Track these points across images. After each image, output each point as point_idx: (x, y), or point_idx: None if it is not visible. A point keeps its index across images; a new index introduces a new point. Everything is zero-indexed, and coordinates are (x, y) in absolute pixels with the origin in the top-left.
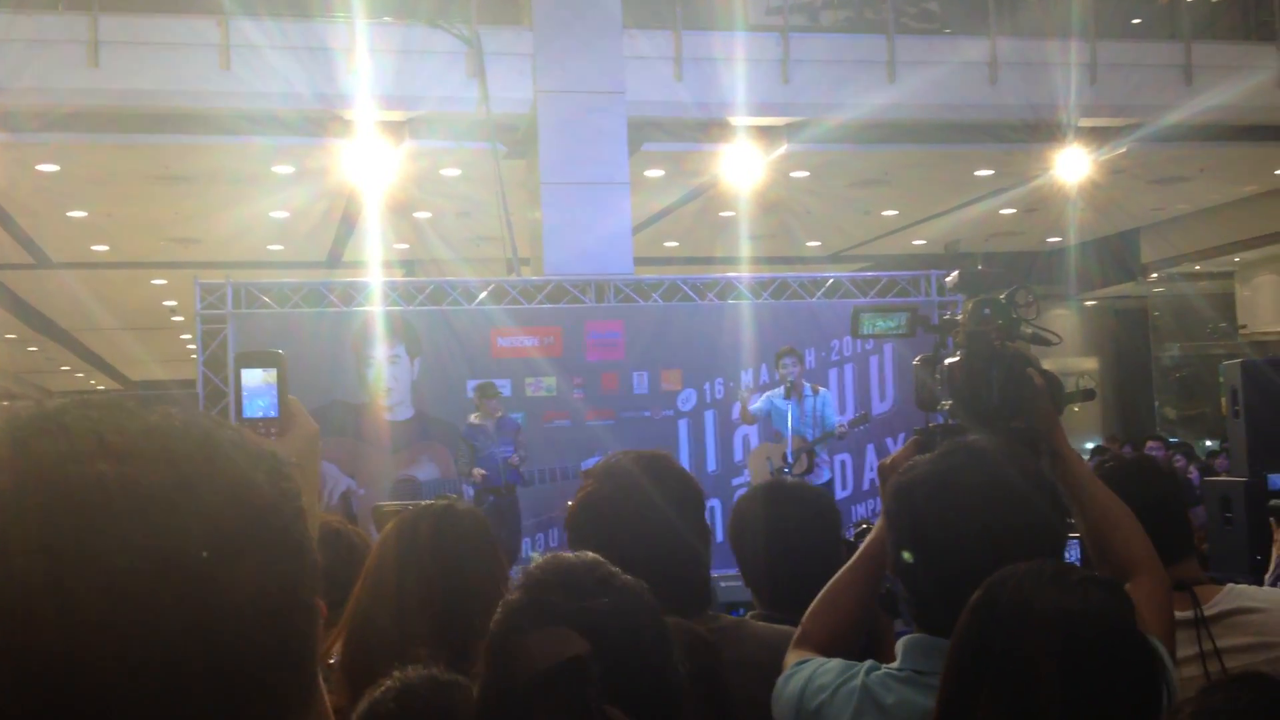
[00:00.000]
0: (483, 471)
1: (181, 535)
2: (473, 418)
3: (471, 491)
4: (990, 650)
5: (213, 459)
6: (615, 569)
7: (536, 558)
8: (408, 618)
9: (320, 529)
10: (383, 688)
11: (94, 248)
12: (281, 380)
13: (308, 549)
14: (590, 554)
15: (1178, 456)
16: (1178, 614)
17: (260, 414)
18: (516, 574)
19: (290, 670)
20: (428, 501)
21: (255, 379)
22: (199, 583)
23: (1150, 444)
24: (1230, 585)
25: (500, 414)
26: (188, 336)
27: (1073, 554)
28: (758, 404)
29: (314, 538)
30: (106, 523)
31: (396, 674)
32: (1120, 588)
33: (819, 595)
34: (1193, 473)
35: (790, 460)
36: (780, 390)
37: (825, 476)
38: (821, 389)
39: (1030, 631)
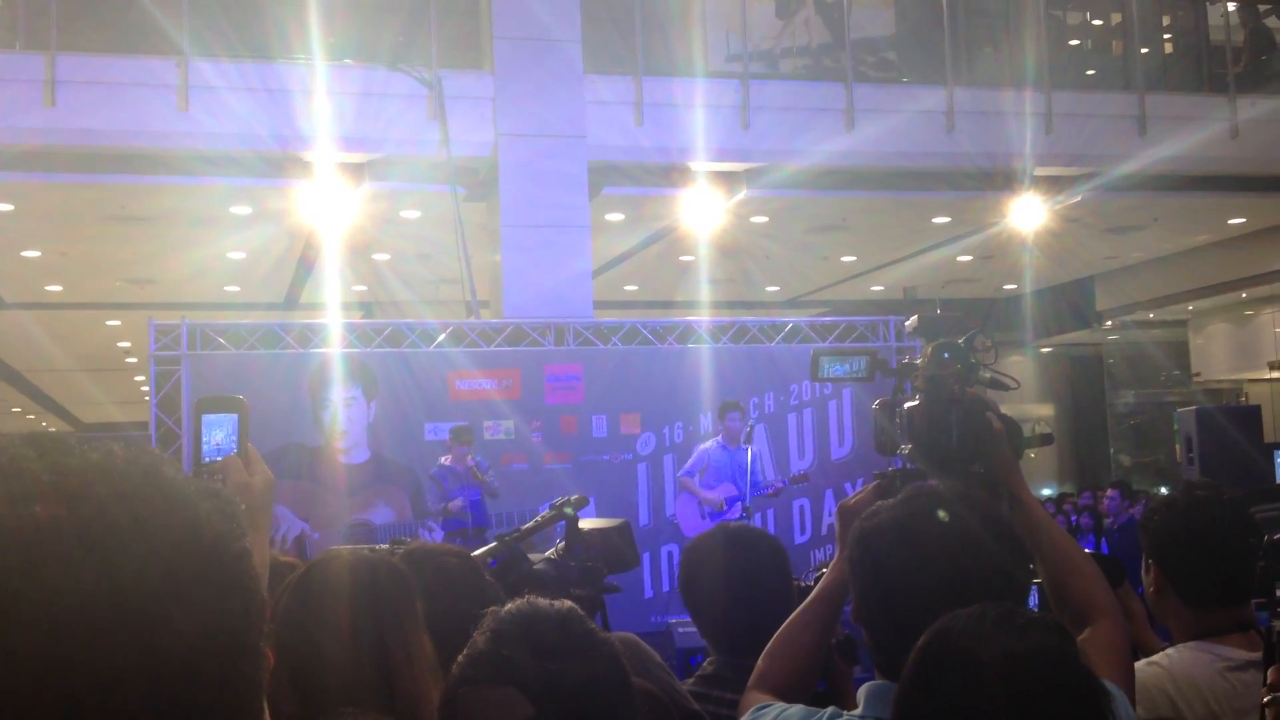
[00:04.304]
0: (461, 501)
1: (131, 575)
2: (443, 459)
3: (436, 535)
4: (937, 697)
5: (161, 497)
6: (591, 625)
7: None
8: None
9: (272, 568)
10: None
11: (48, 288)
12: (242, 426)
13: (254, 589)
14: (567, 604)
15: (1141, 501)
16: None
17: (218, 458)
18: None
19: (230, 707)
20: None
21: (215, 424)
22: (149, 623)
23: (1110, 491)
24: None
25: (471, 458)
26: (141, 378)
27: (1032, 599)
28: (687, 465)
29: (264, 580)
30: (56, 565)
31: None
32: (1063, 629)
33: (775, 636)
34: None
35: (728, 507)
36: (718, 440)
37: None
38: (752, 449)
39: (977, 678)
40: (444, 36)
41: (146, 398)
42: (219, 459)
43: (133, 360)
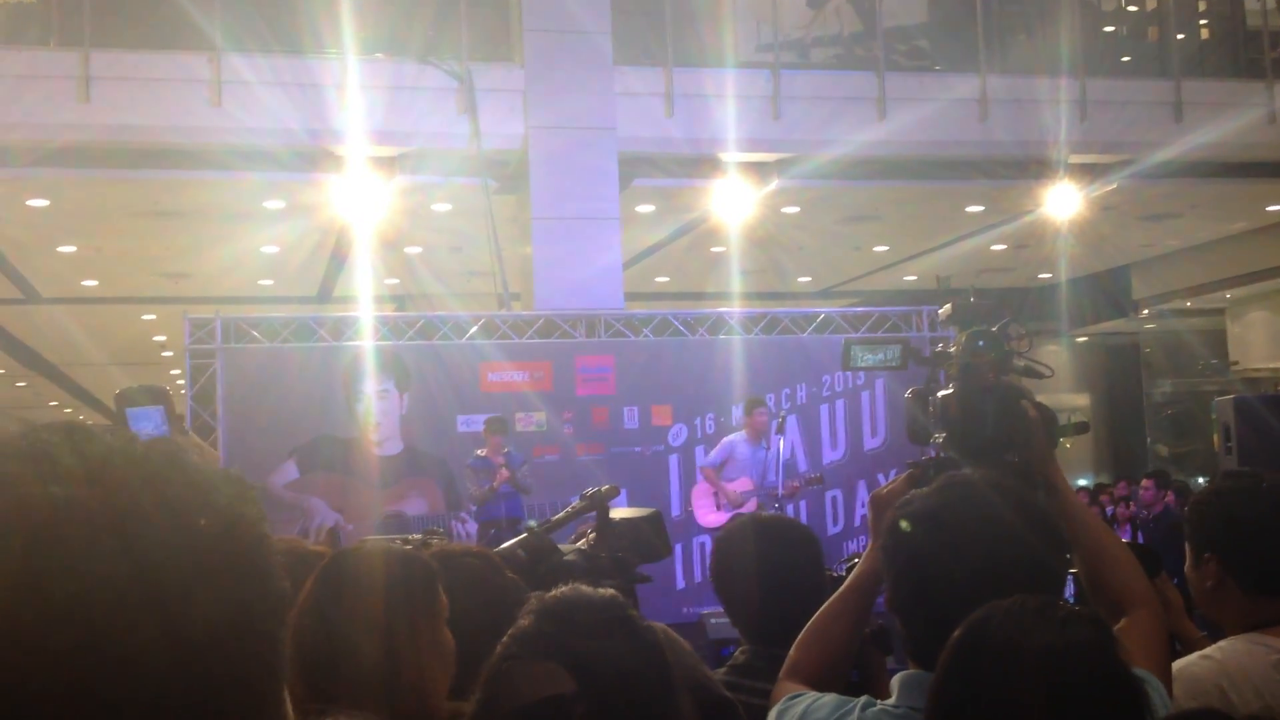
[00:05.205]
0: (507, 473)
1: (156, 558)
2: (479, 451)
3: (469, 526)
4: (975, 689)
5: (184, 481)
6: (633, 612)
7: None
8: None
9: (301, 557)
10: None
11: (83, 283)
12: (169, 413)
13: (275, 575)
14: (610, 591)
15: (1169, 494)
16: None
17: None
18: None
19: (248, 698)
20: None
21: (141, 417)
22: (171, 606)
23: (1145, 482)
24: None
25: (506, 450)
26: (177, 371)
27: (1068, 590)
28: (712, 455)
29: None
30: (81, 544)
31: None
32: (1103, 622)
33: (808, 625)
34: None
35: (743, 500)
36: (743, 435)
37: None
38: (784, 441)
39: (1016, 669)
40: (474, 30)
41: (182, 391)
42: None
43: (168, 354)
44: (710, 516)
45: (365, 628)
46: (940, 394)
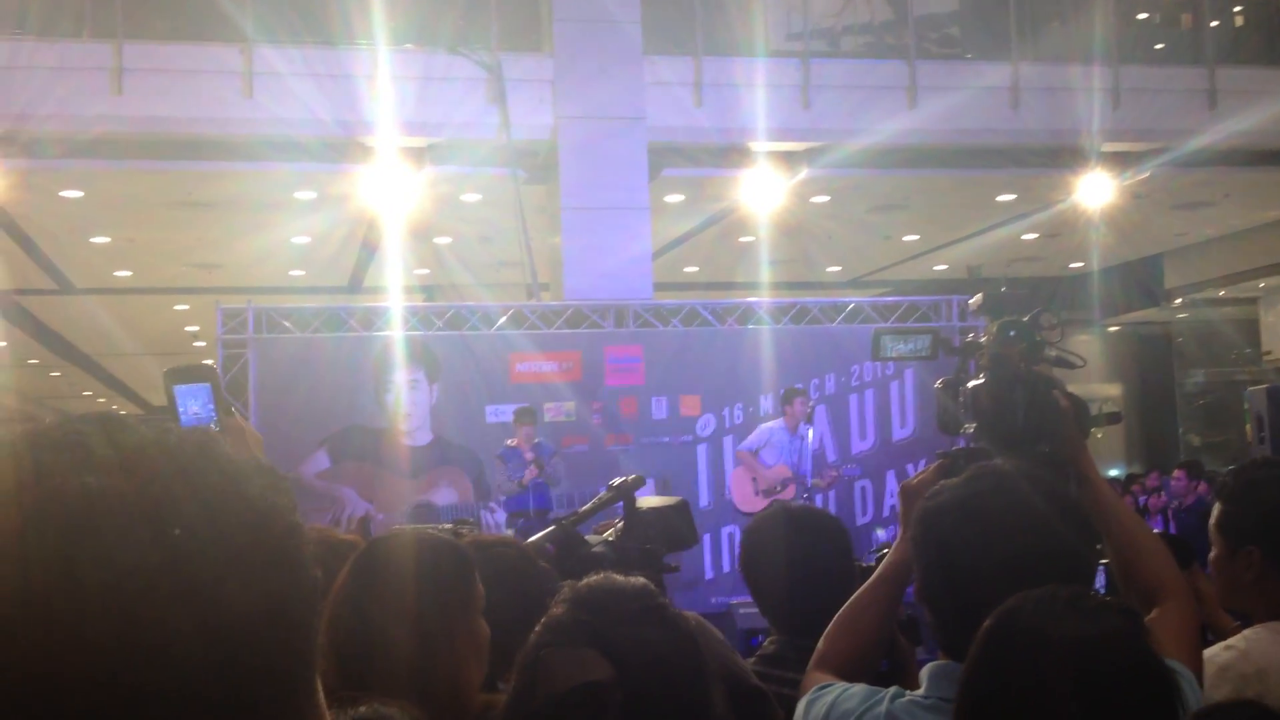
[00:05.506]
0: (535, 470)
1: (189, 549)
2: (509, 441)
3: (498, 516)
4: (1005, 678)
5: (217, 471)
6: (665, 600)
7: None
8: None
9: (332, 546)
10: None
11: (116, 273)
12: (216, 392)
13: (307, 565)
14: (641, 580)
15: (1201, 484)
16: None
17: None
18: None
19: (280, 688)
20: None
21: (189, 395)
22: (204, 596)
23: (1176, 472)
24: None
25: (536, 441)
26: (210, 361)
27: (1098, 580)
28: (749, 439)
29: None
30: (115, 534)
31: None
32: (1135, 613)
33: (837, 616)
34: None
35: (784, 489)
36: (781, 423)
37: None
38: (813, 430)
39: (1047, 659)
40: (504, 20)
41: None
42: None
43: (200, 344)
44: (749, 502)
45: (399, 617)
46: (971, 384)
